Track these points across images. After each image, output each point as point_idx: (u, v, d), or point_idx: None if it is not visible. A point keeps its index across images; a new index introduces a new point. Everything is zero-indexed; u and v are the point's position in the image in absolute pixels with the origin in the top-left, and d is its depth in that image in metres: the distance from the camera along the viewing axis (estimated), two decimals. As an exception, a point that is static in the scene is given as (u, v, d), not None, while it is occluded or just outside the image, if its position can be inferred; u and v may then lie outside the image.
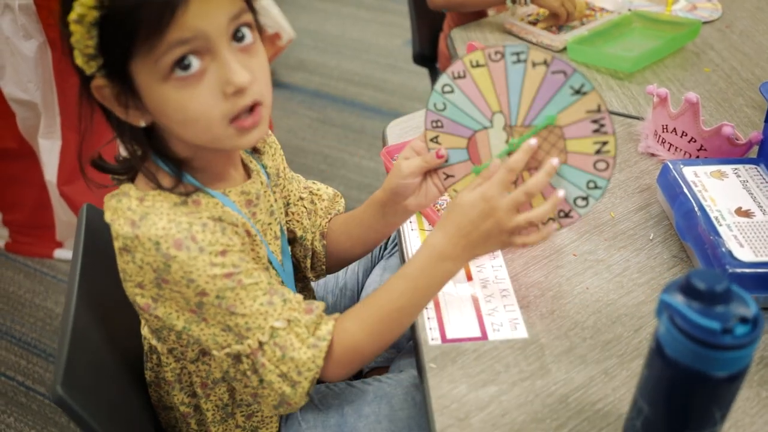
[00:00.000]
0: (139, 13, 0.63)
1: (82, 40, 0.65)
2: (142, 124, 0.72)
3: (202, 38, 0.66)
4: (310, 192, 0.97)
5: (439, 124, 0.81)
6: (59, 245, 2.08)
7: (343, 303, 1.14)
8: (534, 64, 0.73)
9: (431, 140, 0.82)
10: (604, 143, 0.73)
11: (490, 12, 1.69)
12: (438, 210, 1.01)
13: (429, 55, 1.98)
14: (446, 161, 0.82)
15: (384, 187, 0.87)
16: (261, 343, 0.73)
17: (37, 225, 2.06)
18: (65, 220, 2.02)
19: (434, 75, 2.00)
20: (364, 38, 3.38)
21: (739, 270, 0.82)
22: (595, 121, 0.72)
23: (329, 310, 1.11)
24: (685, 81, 1.33)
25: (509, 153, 0.78)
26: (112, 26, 0.64)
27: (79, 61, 0.67)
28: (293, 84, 3.01)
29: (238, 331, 0.73)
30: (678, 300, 0.58)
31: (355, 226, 0.93)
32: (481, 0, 1.60)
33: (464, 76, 0.77)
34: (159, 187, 0.73)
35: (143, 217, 0.71)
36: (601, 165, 0.75)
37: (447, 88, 0.79)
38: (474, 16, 1.73)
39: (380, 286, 0.80)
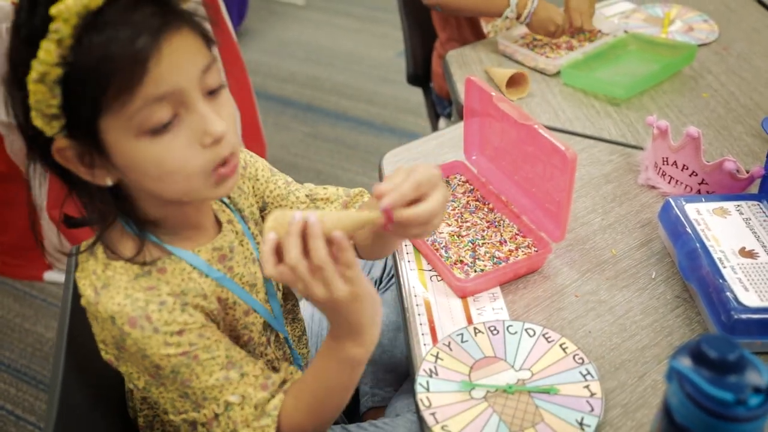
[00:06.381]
0: (107, 68, 0.60)
1: (44, 100, 0.61)
2: (109, 183, 0.69)
3: (178, 93, 0.64)
4: (312, 199, 0.92)
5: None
6: (49, 267, 2.05)
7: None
8: None
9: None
10: None
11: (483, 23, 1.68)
12: (436, 249, 0.98)
13: (423, 74, 1.96)
14: None
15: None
16: (216, 415, 0.73)
17: (26, 247, 2.03)
18: (55, 242, 1.99)
19: (428, 94, 1.98)
20: (356, 49, 3.36)
21: (744, 316, 0.80)
22: None
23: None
24: (684, 107, 1.32)
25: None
26: (79, 83, 0.61)
27: (38, 122, 0.63)
28: (285, 97, 2.99)
29: (194, 399, 0.73)
30: (688, 366, 0.56)
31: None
32: (475, 8, 1.56)
33: None
34: (121, 258, 0.71)
35: (105, 286, 0.71)
36: None
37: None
38: (468, 39, 1.71)
39: (311, 363, 0.78)
